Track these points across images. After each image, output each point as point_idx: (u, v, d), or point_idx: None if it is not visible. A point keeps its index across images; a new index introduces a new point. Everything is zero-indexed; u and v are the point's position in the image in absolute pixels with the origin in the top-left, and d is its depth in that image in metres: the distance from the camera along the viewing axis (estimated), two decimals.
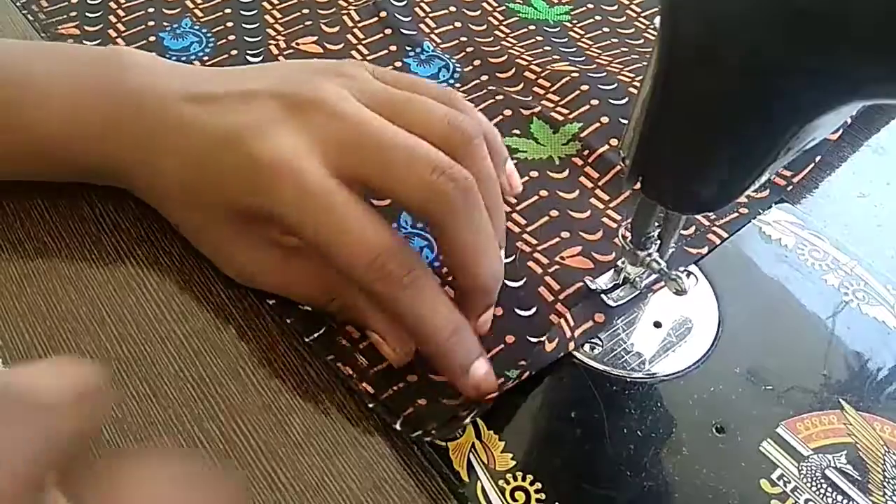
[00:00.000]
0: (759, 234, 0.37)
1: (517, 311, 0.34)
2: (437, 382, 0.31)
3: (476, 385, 0.29)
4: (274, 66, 0.36)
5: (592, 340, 0.33)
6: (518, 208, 0.38)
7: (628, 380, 0.32)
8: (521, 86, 0.44)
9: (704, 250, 0.36)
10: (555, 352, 0.32)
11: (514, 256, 0.36)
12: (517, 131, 0.41)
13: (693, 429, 0.30)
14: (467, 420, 0.30)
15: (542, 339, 0.32)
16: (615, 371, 0.32)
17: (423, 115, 0.31)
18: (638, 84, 0.42)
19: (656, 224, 0.31)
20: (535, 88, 0.44)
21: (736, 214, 0.38)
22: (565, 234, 0.37)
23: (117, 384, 0.31)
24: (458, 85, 0.44)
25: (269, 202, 0.29)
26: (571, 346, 0.32)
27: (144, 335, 0.32)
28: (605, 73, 0.44)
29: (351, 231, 0.28)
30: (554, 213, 0.38)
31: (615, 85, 0.43)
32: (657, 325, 0.34)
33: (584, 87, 0.43)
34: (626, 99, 0.42)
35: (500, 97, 0.43)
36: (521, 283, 0.35)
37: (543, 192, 0.39)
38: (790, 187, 0.39)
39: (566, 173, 0.40)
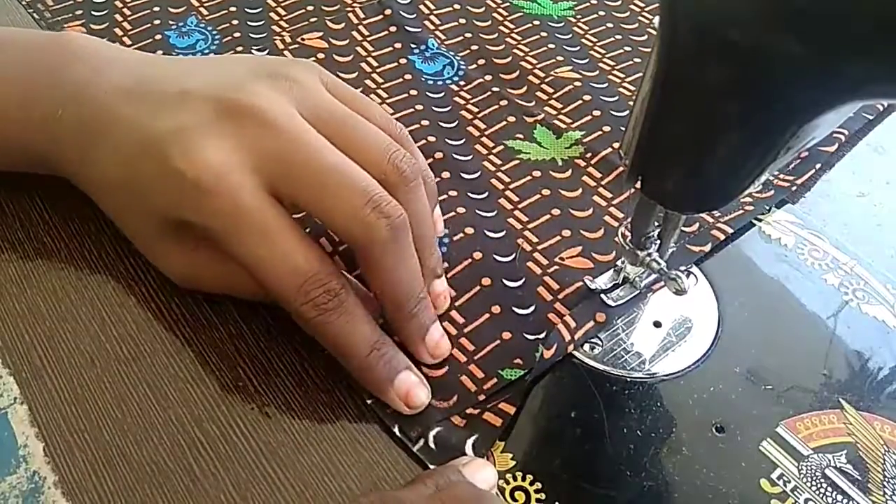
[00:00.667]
0: (759, 234, 0.37)
1: (515, 309, 0.34)
2: (434, 382, 0.31)
3: (403, 395, 0.29)
4: (220, 61, 0.34)
5: (592, 340, 0.33)
6: (520, 206, 0.38)
7: (628, 379, 0.32)
8: (524, 89, 0.44)
9: (707, 247, 0.36)
10: (553, 357, 0.32)
11: (514, 255, 0.36)
12: (520, 136, 0.42)
13: (693, 428, 0.30)
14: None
15: (538, 336, 0.32)
16: (615, 371, 0.32)
17: (364, 142, 0.30)
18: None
19: (656, 224, 0.31)
20: (538, 93, 0.44)
21: (741, 212, 0.38)
22: (566, 233, 0.37)
23: (116, 384, 0.31)
24: (462, 83, 0.45)
25: (196, 217, 0.28)
26: (571, 347, 0.32)
27: (144, 336, 0.32)
28: (606, 84, 0.45)
29: (281, 255, 0.27)
30: (555, 211, 0.38)
31: (617, 97, 0.44)
32: (657, 324, 0.34)
33: (587, 98, 0.44)
34: (627, 111, 0.42)
35: (504, 102, 0.43)
36: (520, 283, 0.35)
37: (545, 191, 0.39)
38: (794, 188, 0.39)
39: (569, 173, 0.40)
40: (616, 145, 0.40)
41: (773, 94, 0.23)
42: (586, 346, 0.33)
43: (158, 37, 0.46)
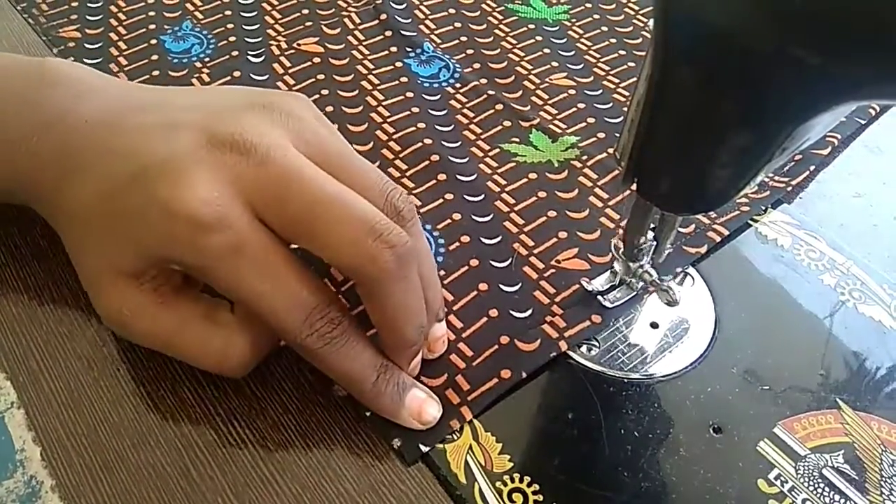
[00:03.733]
0: (756, 235, 0.37)
1: (512, 312, 0.34)
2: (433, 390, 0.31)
3: (417, 415, 0.29)
4: (209, 92, 0.33)
5: (589, 341, 0.33)
6: (517, 209, 0.38)
7: (625, 380, 0.32)
8: (519, 93, 0.45)
9: (703, 249, 0.36)
10: (537, 352, 0.32)
11: (510, 260, 0.36)
12: (516, 139, 0.42)
13: (690, 429, 0.30)
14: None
15: (533, 340, 0.32)
16: (612, 372, 0.32)
17: (361, 178, 0.29)
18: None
19: (651, 226, 0.31)
20: (534, 98, 0.44)
21: (737, 212, 0.38)
22: (563, 235, 0.37)
23: (114, 388, 0.31)
24: (458, 85, 0.45)
25: (189, 254, 0.26)
26: (564, 346, 0.32)
27: None
28: (601, 90, 0.45)
29: (285, 289, 0.27)
30: (552, 213, 0.38)
31: (611, 104, 0.44)
32: (654, 325, 0.34)
33: (581, 106, 0.44)
34: (622, 118, 0.43)
35: (500, 106, 0.44)
36: (516, 287, 0.35)
37: (542, 193, 0.39)
38: (789, 188, 0.39)
39: (565, 174, 0.40)
40: (611, 150, 0.41)
41: (769, 95, 0.23)
42: (583, 348, 0.33)
43: (154, 41, 0.46)
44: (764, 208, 0.38)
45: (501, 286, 0.35)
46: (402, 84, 0.45)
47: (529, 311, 0.34)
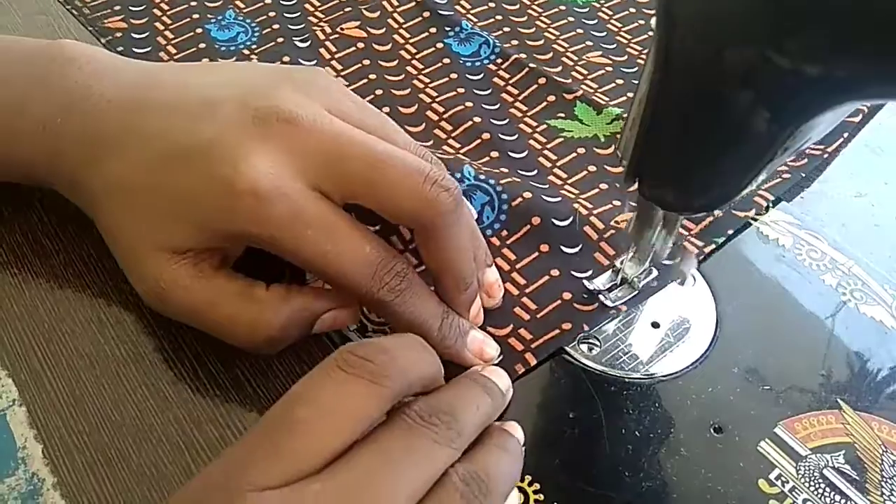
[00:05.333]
0: (757, 234, 0.37)
1: (574, 273, 0.35)
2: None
3: (479, 353, 0.31)
4: (236, 69, 0.33)
5: (590, 340, 0.33)
6: (570, 182, 0.39)
7: (626, 380, 0.32)
8: (560, 68, 0.46)
9: (752, 212, 0.38)
10: (596, 311, 0.33)
11: (571, 218, 0.36)
12: (562, 114, 0.43)
13: (691, 429, 0.30)
14: None
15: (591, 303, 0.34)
16: (613, 371, 0.32)
17: (395, 139, 0.30)
18: None
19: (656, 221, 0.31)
20: (574, 73, 0.46)
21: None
22: (617, 203, 0.38)
23: (115, 386, 0.31)
24: (499, 61, 0.46)
25: (253, 226, 0.27)
26: (624, 308, 0.34)
27: (143, 337, 0.32)
28: (636, 68, 0.46)
29: (350, 249, 0.28)
30: (603, 185, 0.39)
31: None
32: (655, 325, 0.34)
33: (620, 81, 0.45)
34: None
35: (543, 80, 0.45)
36: (577, 248, 0.36)
37: (592, 168, 0.40)
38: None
39: (612, 149, 0.41)
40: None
41: (771, 94, 0.23)
42: (584, 347, 0.33)
43: (199, 30, 0.47)
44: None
45: (563, 247, 0.36)
46: (446, 66, 0.46)
47: (589, 272, 0.35)
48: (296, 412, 0.22)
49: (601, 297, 0.34)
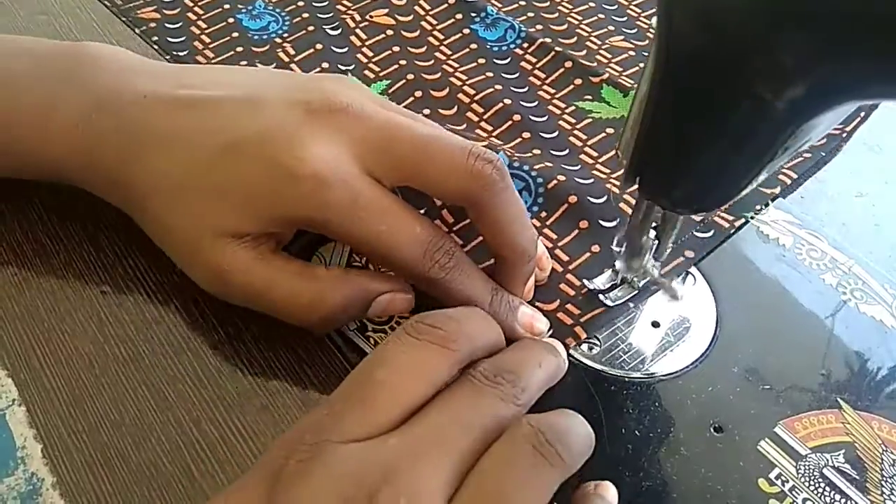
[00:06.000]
0: (757, 234, 0.37)
1: (601, 222, 0.36)
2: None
3: (529, 328, 0.32)
4: (263, 73, 0.35)
5: (590, 340, 0.33)
6: (601, 161, 0.40)
7: (626, 379, 0.32)
8: (584, 52, 0.47)
9: (777, 189, 0.38)
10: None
11: (606, 196, 0.38)
12: (589, 97, 0.44)
13: (691, 428, 0.30)
14: None
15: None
16: (613, 371, 0.32)
17: (431, 125, 0.33)
18: None
19: (653, 224, 0.31)
20: (598, 57, 0.46)
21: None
22: None
23: (115, 386, 0.31)
24: (525, 45, 0.47)
25: (316, 212, 0.29)
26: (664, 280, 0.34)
27: (142, 336, 0.32)
28: None
29: (404, 229, 0.29)
30: None
31: None
32: (655, 324, 0.34)
33: (642, 65, 0.46)
34: None
35: (569, 64, 0.45)
36: (615, 223, 0.37)
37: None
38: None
39: None
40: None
41: (772, 94, 0.23)
42: (584, 347, 0.33)
43: (231, 20, 0.48)
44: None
45: (601, 222, 0.37)
46: (473, 51, 0.47)
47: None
48: (376, 374, 0.24)
49: (601, 296, 0.34)
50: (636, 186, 0.29)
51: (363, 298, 0.31)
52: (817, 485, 0.29)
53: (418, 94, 0.44)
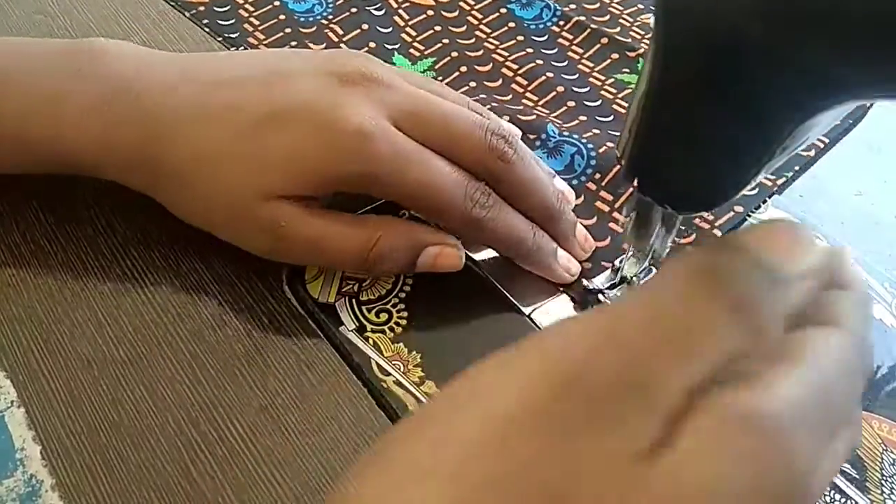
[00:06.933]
0: None
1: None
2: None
3: (565, 266, 0.35)
4: (273, 55, 0.35)
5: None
6: None
7: None
8: (618, 29, 0.48)
9: (812, 153, 0.40)
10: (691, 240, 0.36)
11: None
12: (626, 69, 0.45)
13: None
14: None
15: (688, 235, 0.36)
16: None
17: (452, 96, 0.35)
18: None
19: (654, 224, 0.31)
20: (632, 33, 0.47)
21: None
22: None
23: (113, 387, 0.31)
24: (561, 23, 0.48)
25: (363, 166, 0.30)
26: (718, 233, 0.36)
27: (141, 337, 0.32)
28: None
29: (443, 174, 0.31)
30: None
31: None
32: None
33: None
34: None
35: (605, 40, 0.47)
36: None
37: None
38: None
39: None
40: None
41: (769, 94, 0.23)
42: None
43: (277, 3, 0.49)
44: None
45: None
46: (511, 29, 0.48)
47: None
48: None
49: (601, 296, 0.34)
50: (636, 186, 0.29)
51: (412, 244, 0.33)
52: None
53: (463, 69, 0.45)
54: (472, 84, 0.44)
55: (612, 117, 0.42)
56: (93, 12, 0.48)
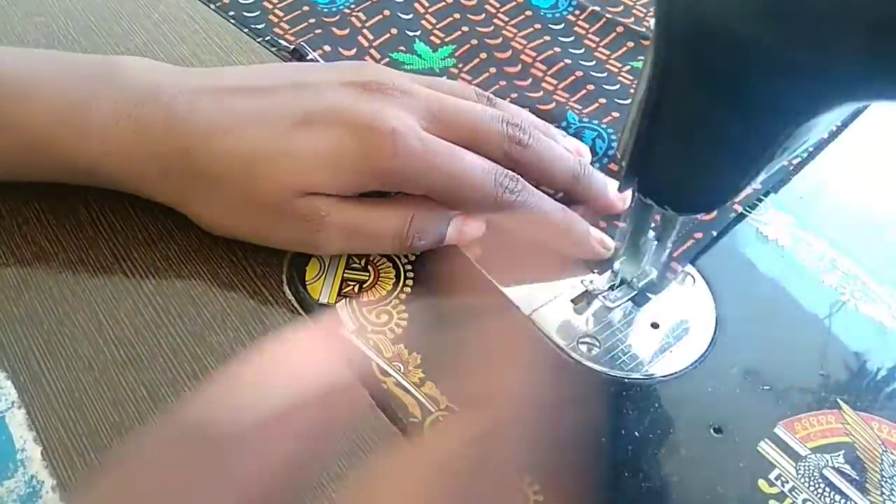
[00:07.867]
0: (756, 235, 0.37)
1: None
2: None
3: (600, 241, 0.36)
4: (288, 68, 0.38)
5: (590, 341, 0.33)
6: None
7: (626, 380, 0.32)
8: (632, 19, 0.49)
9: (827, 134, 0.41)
10: (719, 217, 0.37)
11: None
12: (642, 58, 0.45)
13: (691, 429, 0.30)
14: None
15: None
16: (613, 372, 0.32)
17: (468, 94, 0.37)
18: None
19: (652, 225, 0.31)
20: (645, 23, 0.48)
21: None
22: None
23: (114, 388, 0.31)
24: (577, 12, 0.49)
25: (398, 161, 0.32)
26: (739, 209, 0.37)
27: (141, 339, 0.32)
28: None
29: (472, 165, 0.33)
30: None
31: None
32: (655, 325, 0.34)
33: None
34: None
35: (620, 29, 0.48)
36: None
37: None
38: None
39: None
40: None
41: (769, 95, 0.23)
42: (584, 347, 0.33)
43: None
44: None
45: None
46: (528, 18, 0.49)
47: None
48: None
49: (600, 297, 0.34)
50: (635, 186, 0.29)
51: (441, 217, 0.34)
52: (817, 485, 0.29)
53: (483, 55, 0.46)
54: (493, 70, 0.45)
55: (629, 101, 0.43)
56: (93, 13, 0.48)
